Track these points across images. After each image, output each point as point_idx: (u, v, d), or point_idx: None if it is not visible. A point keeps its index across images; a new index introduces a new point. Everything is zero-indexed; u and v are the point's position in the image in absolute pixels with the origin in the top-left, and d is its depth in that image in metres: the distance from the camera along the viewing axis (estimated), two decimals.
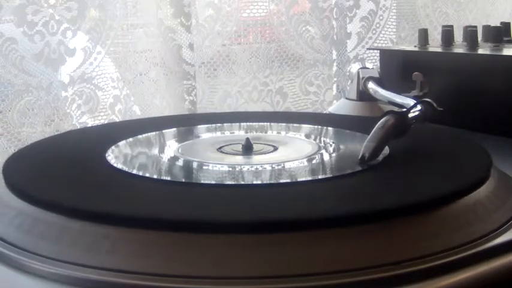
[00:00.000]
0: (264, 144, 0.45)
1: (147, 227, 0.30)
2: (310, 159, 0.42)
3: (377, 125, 0.40)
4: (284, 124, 0.53)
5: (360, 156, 0.39)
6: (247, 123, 0.54)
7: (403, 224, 0.31)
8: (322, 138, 0.49)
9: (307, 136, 0.49)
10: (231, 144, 0.45)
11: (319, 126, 0.52)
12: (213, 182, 0.37)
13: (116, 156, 0.42)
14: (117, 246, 0.30)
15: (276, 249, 0.29)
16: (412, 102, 0.50)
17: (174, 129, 0.51)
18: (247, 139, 0.44)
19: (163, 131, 0.51)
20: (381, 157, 0.40)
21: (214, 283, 0.28)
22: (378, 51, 0.75)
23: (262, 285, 0.28)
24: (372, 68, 0.66)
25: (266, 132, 0.52)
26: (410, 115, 0.45)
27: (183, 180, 0.39)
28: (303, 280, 0.28)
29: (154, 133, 0.50)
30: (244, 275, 0.28)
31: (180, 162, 0.42)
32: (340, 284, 0.28)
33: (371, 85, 0.63)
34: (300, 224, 0.30)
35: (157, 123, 0.53)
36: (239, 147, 0.44)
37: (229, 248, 0.29)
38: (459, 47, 0.64)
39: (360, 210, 0.31)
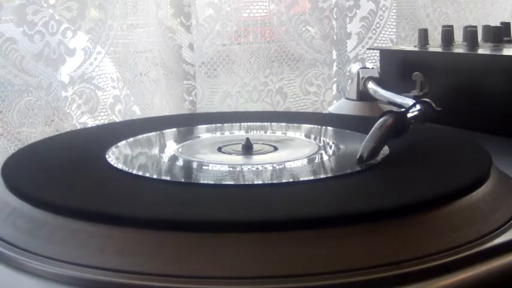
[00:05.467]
0: (264, 144, 0.45)
1: (147, 227, 0.30)
2: (310, 159, 0.42)
3: (375, 125, 0.40)
4: (284, 124, 0.53)
5: (358, 156, 0.39)
6: (247, 123, 0.54)
7: (403, 224, 0.31)
8: (322, 138, 0.49)
9: (307, 136, 0.49)
10: (231, 144, 0.45)
11: (319, 126, 0.52)
12: (213, 182, 0.37)
13: (116, 157, 0.42)
14: (117, 246, 0.30)
15: (275, 249, 0.29)
16: (411, 102, 0.50)
17: (174, 129, 0.51)
18: (247, 139, 0.44)
19: (163, 131, 0.51)
20: (380, 157, 0.40)
21: (214, 283, 0.28)
22: (378, 51, 0.75)
23: (262, 285, 0.28)
24: (372, 68, 0.66)
25: (266, 132, 0.52)
26: (409, 115, 0.45)
27: (183, 180, 0.39)
28: (303, 280, 0.28)
29: (154, 133, 0.50)
30: (244, 275, 0.28)
31: (180, 162, 0.42)
32: (340, 284, 0.28)
33: (371, 85, 0.63)
34: (300, 223, 0.30)
35: (157, 123, 0.53)
36: (239, 147, 0.44)
37: (229, 248, 0.29)
38: (459, 47, 0.64)
39: (360, 210, 0.31)
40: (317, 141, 0.48)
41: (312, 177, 0.38)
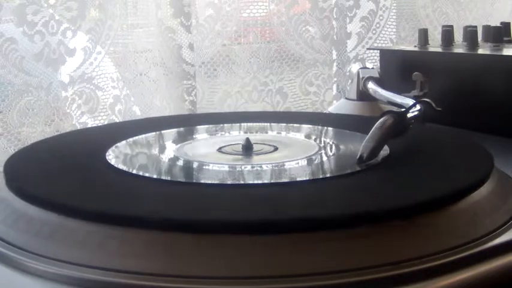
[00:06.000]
0: (264, 144, 0.45)
1: (148, 227, 0.30)
2: (310, 159, 0.42)
3: (375, 125, 0.40)
4: (284, 124, 0.53)
5: (358, 156, 0.39)
6: (247, 124, 0.54)
7: (403, 224, 0.31)
8: (322, 138, 0.49)
9: (307, 136, 0.49)
10: (231, 145, 0.45)
11: (319, 126, 0.52)
12: (213, 182, 0.37)
13: (116, 157, 0.42)
14: (117, 246, 0.30)
15: (275, 250, 0.29)
16: (411, 102, 0.50)
17: (174, 129, 0.51)
18: (247, 139, 0.44)
19: (163, 131, 0.51)
20: (380, 157, 0.40)
21: (214, 283, 0.28)
22: (378, 51, 0.75)
23: (262, 285, 0.28)
24: (372, 68, 0.66)
25: (266, 132, 0.52)
26: (409, 115, 0.45)
27: (183, 180, 0.39)
28: (303, 280, 0.28)
29: (154, 133, 0.50)
30: (244, 275, 0.28)
31: (180, 163, 0.42)
32: (340, 284, 0.28)
33: (371, 85, 0.63)
34: (300, 224, 0.30)
35: (157, 124, 0.53)
36: (239, 148, 0.44)
37: (229, 248, 0.29)
38: (459, 47, 0.64)
39: (360, 211, 0.31)
40: (317, 141, 0.48)
41: (311, 178, 0.38)
